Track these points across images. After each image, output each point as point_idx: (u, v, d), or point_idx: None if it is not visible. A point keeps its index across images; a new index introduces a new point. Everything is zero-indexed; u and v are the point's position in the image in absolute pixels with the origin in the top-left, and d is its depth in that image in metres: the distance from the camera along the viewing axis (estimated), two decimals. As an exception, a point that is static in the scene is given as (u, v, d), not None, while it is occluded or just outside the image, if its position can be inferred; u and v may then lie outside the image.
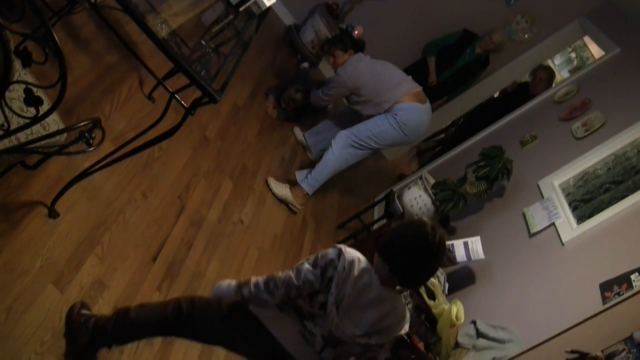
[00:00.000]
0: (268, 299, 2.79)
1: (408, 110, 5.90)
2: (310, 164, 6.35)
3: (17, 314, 2.97)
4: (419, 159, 9.94)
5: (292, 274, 2.77)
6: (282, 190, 5.70)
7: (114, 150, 3.35)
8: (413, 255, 2.68)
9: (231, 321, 2.93)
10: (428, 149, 9.98)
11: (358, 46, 6.33)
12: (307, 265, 2.75)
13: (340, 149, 6.00)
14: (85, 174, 3.40)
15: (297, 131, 6.96)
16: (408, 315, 2.83)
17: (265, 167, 5.86)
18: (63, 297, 3.22)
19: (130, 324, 3.05)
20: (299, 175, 6.00)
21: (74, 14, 4.16)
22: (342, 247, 2.74)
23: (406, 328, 2.84)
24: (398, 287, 2.77)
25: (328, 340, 2.77)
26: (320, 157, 6.13)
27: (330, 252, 2.73)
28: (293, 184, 5.88)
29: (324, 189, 6.24)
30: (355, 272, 2.66)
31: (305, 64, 7.96)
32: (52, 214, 3.42)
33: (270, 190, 5.65)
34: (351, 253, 2.72)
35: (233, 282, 2.93)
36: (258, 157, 5.83)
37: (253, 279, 2.87)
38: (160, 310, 3.04)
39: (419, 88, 6.09)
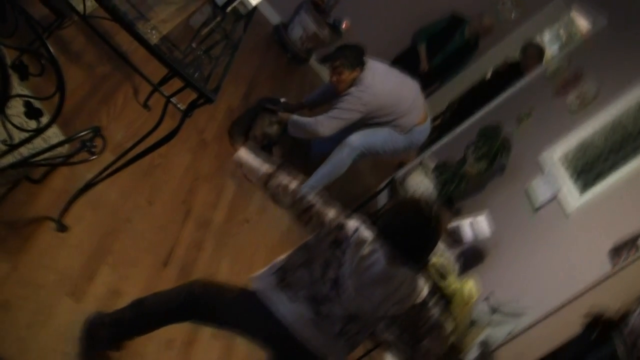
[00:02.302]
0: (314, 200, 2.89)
1: (423, 132, 5.82)
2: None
3: (36, 328, 3.00)
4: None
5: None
6: None
7: (115, 160, 3.38)
8: (412, 230, 2.76)
9: (241, 306, 2.98)
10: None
11: (362, 56, 5.48)
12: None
13: (351, 158, 5.77)
14: (89, 185, 3.44)
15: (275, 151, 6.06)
16: (422, 283, 2.86)
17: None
18: (80, 308, 3.25)
19: (146, 310, 3.12)
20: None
21: (64, 28, 4.18)
22: (358, 223, 2.77)
23: (423, 295, 2.87)
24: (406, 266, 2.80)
25: (346, 319, 2.81)
26: (317, 158, 6.02)
27: (350, 225, 2.76)
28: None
29: (326, 182, 6.24)
30: (366, 249, 2.69)
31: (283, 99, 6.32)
32: (61, 227, 3.45)
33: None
34: (364, 231, 2.76)
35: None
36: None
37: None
38: (174, 294, 3.11)
39: (423, 104, 5.88)
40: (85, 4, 2.85)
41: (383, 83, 5.44)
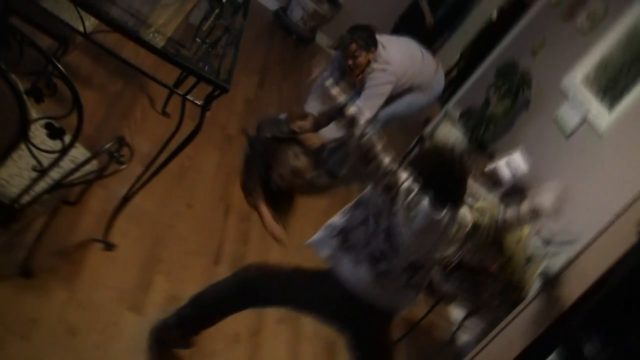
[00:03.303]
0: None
1: (440, 81, 5.76)
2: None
3: (106, 347, 3.05)
4: (439, 100, 9.90)
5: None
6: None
7: (145, 169, 3.41)
8: (440, 175, 2.77)
9: (301, 281, 3.00)
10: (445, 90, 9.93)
11: (374, 35, 5.20)
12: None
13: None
14: (125, 199, 3.48)
15: None
16: (467, 218, 2.86)
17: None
18: (142, 319, 3.30)
19: (207, 303, 3.18)
20: None
21: (69, 54, 4.21)
22: (407, 173, 2.77)
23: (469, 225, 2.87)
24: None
25: (409, 270, 2.82)
26: None
27: (401, 173, 2.76)
28: None
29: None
30: (411, 198, 2.69)
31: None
32: (108, 246, 3.51)
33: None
34: (411, 181, 2.76)
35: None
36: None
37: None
38: (230, 283, 3.16)
39: (430, 55, 5.78)
40: (84, 24, 2.86)
41: (396, 50, 5.32)
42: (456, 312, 4.98)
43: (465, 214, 2.84)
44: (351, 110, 2.85)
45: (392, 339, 3.22)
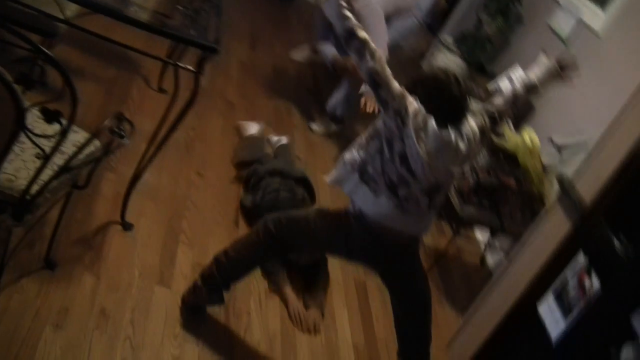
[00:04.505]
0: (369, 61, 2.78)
1: None
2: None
3: (140, 323, 3.08)
4: (431, 31, 9.83)
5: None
6: (320, 127, 5.61)
7: (149, 144, 3.42)
8: (440, 96, 2.78)
9: (322, 224, 3.02)
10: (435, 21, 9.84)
11: None
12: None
13: None
14: (136, 178, 3.49)
15: None
16: (475, 127, 2.86)
17: (295, 102, 5.85)
18: (173, 291, 3.34)
19: (232, 260, 3.18)
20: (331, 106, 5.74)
21: (53, 48, 4.20)
22: (414, 97, 2.77)
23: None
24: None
25: (429, 192, 2.82)
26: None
27: (410, 97, 2.75)
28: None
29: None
30: (420, 120, 2.69)
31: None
32: (127, 226, 3.53)
33: (313, 131, 5.60)
34: (419, 104, 2.76)
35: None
36: (284, 96, 5.84)
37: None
38: (253, 237, 3.16)
39: None
40: (64, 13, 2.85)
41: None
42: (482, 235, 4.99)
43: (471, 124, 2.84)
44: (361, 34, 2.81)
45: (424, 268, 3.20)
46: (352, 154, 2.92)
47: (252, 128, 4.83)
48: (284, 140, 4.86)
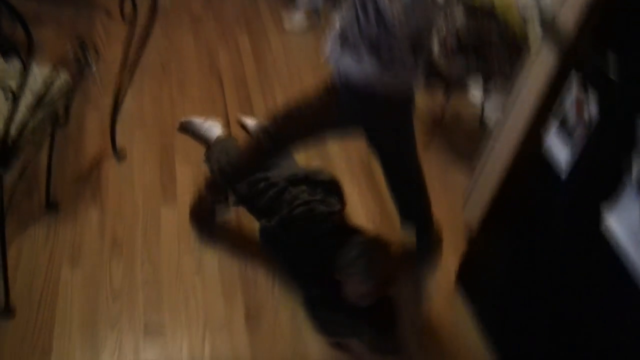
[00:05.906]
0: None
1: None
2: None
3: (154, 244, 3.11)
4: None
5: None
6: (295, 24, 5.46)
7: (121, 69, 3.36)
8: None
9: (311, 111, 2.97)
10: None
11: None
12: None
13: None
14: (117, 107, 3.46)
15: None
16: None
17: (266, 4, 5.71)
18: (179, 208, 3.33)
19: (235, 166, 3.17)
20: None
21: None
22: None
23: None
24: None
25: (411, 49, 2.75)
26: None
27: None
28: None
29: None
30: None
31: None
32: (120, 156, 3.52)
33: (288, 30, 5.42)
34: None
35: None
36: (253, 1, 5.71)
37: None
38: (253, 142, 3.15)
39: None
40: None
41: None
42: (477, 96, 4.92)
43: None
44: None
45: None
46: (335, 27, 2.86)
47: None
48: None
